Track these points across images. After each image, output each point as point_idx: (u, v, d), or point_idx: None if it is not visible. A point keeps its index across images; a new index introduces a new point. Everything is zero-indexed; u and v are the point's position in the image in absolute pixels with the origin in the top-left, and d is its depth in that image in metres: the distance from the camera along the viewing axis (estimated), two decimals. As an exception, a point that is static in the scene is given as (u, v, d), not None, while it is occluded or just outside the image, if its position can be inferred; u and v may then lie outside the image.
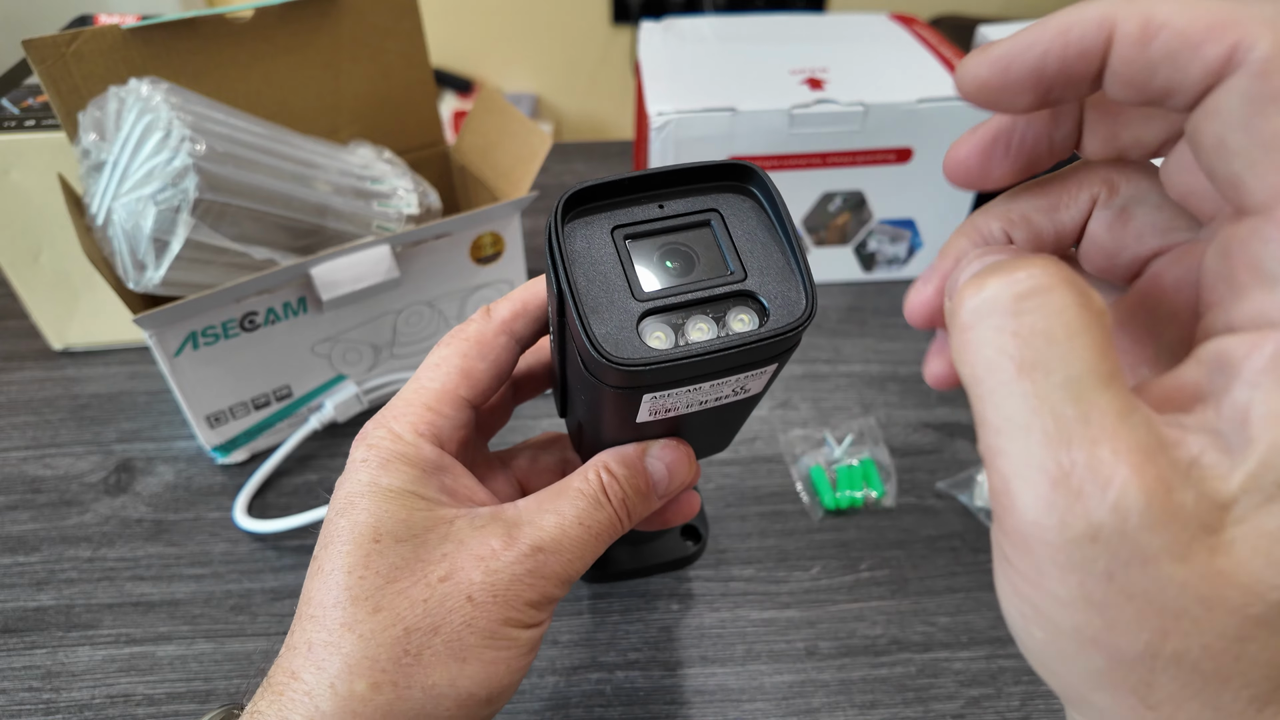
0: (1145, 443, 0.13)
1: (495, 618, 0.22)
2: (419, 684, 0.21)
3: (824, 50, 0.63)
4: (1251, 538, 0.13)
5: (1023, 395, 0.13)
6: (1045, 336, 0.13)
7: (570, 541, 0.23)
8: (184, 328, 0.43)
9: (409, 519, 0.23)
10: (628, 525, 0.25)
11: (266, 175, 0.44)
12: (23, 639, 0.40)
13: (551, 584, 0.23)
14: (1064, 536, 0.13)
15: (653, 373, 0.21)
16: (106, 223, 0.42)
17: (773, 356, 0.22)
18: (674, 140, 0.56)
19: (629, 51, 1.79)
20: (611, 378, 0.21)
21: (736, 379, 0.23)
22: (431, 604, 0.22)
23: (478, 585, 0.22)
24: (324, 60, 0.52)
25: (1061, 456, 0.13)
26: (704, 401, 0.23)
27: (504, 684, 0.23)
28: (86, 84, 0.44)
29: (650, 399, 0.22)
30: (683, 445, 0.25)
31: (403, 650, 0.21)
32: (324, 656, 0.21)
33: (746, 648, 0.40)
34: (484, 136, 0.57)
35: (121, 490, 0.48)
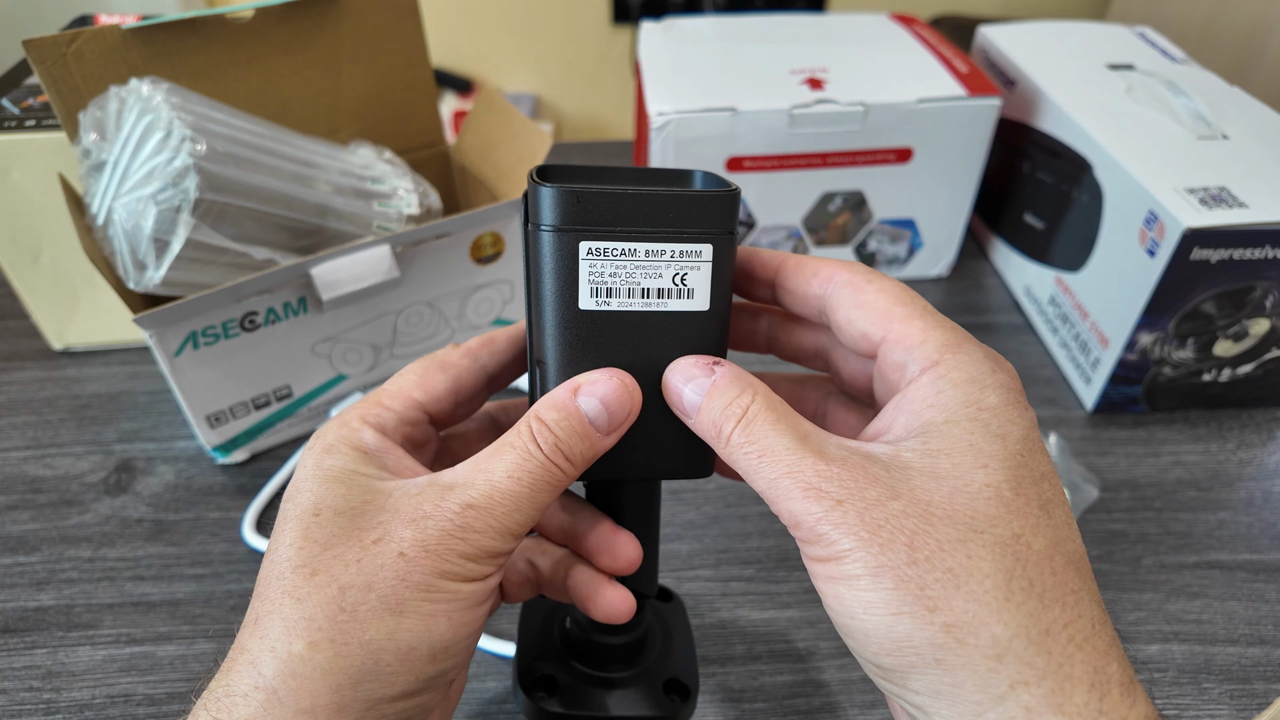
0: (837, 456, 0.22)
1: (428, 570, 0.22)
2: (356, 639, 0.21)
3: (824, 50, 0.63)
4: (925, 479, 0.21)
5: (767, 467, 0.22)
6: (763, 436, 0.22)
7: (501, 494, 0.23)
8: (184, 328, 0.43)
9: (348, 494, 0.23)
10: (570, 468, 0.24)
11: (267, 175, 0.44)
12: (23, 639, 0.40)
13: (485, 537, 0.23)
14: (825, 509, 0.21)
15: (589, 196, 0.24)
16: (107, 222, 0.42)
17: (705, 226, 0.24)
18: (674, 140, 0.56)
19: (629, 51, 1.79)
20: (549, 202, 0.24)
21: (673, 253, 0.24)
22: (365, 563, 0.22)
23: (408, 541, 0.22)
24: (324, 60, 0.52)
25: (800, 479, 0.21)
26: (645, 291, 0.24)
27: (446, 638, 0.22)
28: (87, 84, 0.44)
29: (588, 263, 0.24)
30: (618, 375, 0.25)
31: (338, 608, 0.21)
32: (266, 625, 0.22)
33: (747, 647, 0.40)
34: (484, 136, 0.57)
35: (122, 490, 0.48)
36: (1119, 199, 0.50)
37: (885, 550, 0.20)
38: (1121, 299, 0.49)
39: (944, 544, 0.20)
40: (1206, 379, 0.52)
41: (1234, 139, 0.52)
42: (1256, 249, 0.45)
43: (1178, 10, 1.26)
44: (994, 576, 0.20)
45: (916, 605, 0.20)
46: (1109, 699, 0.19)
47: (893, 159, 0.59)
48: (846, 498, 0.21)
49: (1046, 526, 0.21)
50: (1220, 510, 0.47)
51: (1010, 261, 0.64)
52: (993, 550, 0.20)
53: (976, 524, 0.20)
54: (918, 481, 0.21)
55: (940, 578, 0.20)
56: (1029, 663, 0.19)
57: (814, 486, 0.21)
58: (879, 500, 0.21)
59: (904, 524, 0.20)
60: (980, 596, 0.19)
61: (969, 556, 0.20)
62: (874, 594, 0.20)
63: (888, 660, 0.20)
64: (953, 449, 0.21)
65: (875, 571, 0.20)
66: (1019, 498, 0.21)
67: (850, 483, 0.21)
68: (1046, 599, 0.20)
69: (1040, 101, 0.59)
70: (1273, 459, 0.50)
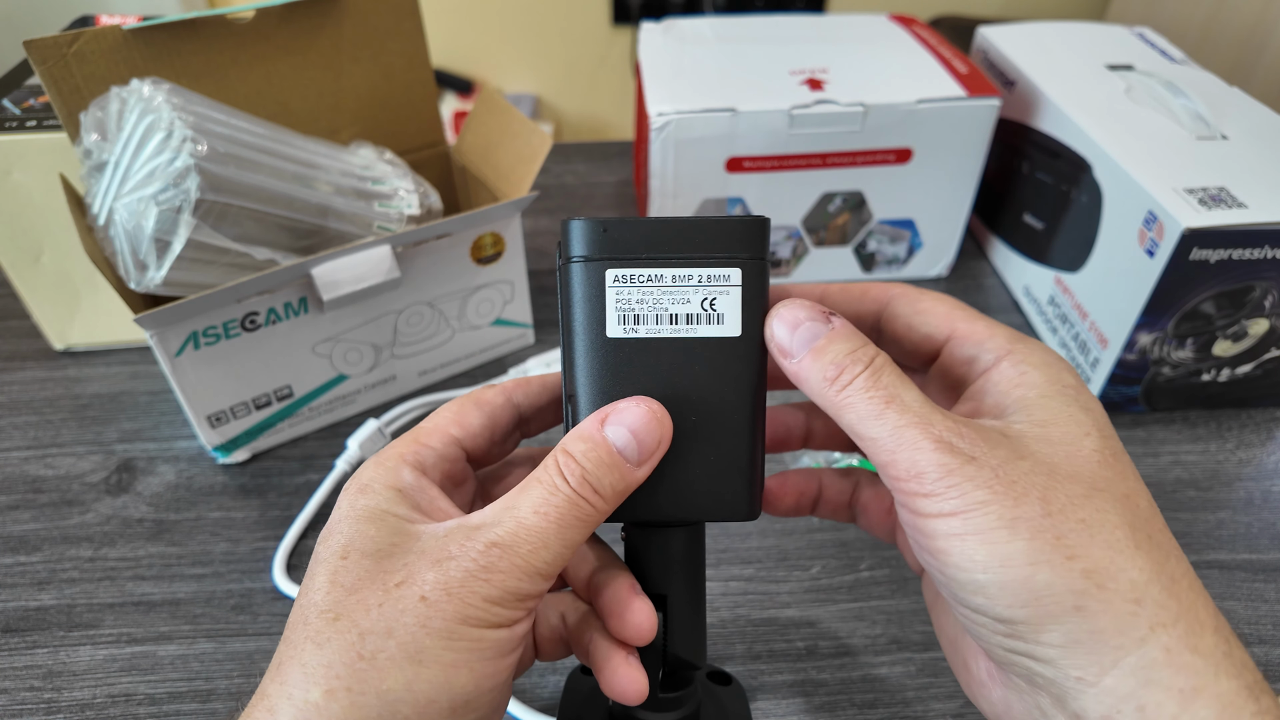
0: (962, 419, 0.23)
1: (451, 616, 0.21)
2: (373, 689, 0.20)
3: (824, 51, 0.63)
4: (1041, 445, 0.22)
5: (896, 414, 0.22)
6: (892, 385, 0.23)
7: (527, 532, 0.22)
8: (185, 328, 0.43)
9: (377, 535, 0.23)
10: (600, 502, 0.23)
11: (268, 176, 0.44)
12: (24, 639, 0.41)
13: (511, 577, 0.22)
14: (960, 463, 0.21)
15: (615, 224, 0.24)
16: (108, 223, 0.42)
17: (732, 251, 0.24)
18: (674, 141, 0.56)
19: (629, 52, 1.79)
20: (578, 234, 0.24)
21: (700, 278, 0.24)
22: (386, 607, 0.21)
23: (430, 584, 0.21)
24: (325, 61, 0.52)
25: (932, 431, 0.22)
26: (674, 317, 0.24)
27: (468, 690, 0.21)
28: (88, 84, 0.45)
29: (615, 290, 0.24)
30: (646, 402, 0.24)
31: (357, 655, 0.21)
32: (287, 671, 0.21)
33: (747, 647, 0.40)
34: (484, 137, 0.57)
35: (123, 490, 0.48)
36: (1118, 199, 0.51)
37: (1020, 503, 0.21)
38: (1121, 299, 0.50)
39: (1073, 498, 0.21)
40: (1205, 379, 0.52)
41: (1233, 139, 0.52)
42: (1255, 249, 0.45)
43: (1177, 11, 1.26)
44: (1123, 528, 0.21)
45: (1055, 554, 0.20)
46: (1230, 643, 0.20)
47: (892, 159, 0.59)
48: (980, 455, 0.21)
49: (1143, 491, 0.22)
50: (1219, 510, 0.47)
51: (1009, 262, 0.64)
52: (1115, 505, 0.21)
53: (1097, 483, 0.21)
54: (1035, 446, 0.22)
55: (1075, 527, 0.20)
56: (1165, 606, 0.20)
57: (946, 440, 0.22)
58: (1009, 459, 0.21)
59: (1035, 480, 0.21)
60: (1115, 544, 0.20)
61: (1097, 510, 0.21)
62: (1011, 545, 0.20)
63: (1022, 612, 0.20)
64: (1056, 419, 0.22)
65: (1010, 524, 0.20)
66: (1119, 462, 0.22)
67: (979, 443, 0.22)
68: (1166, 550, 0.21)
69: (1039, 102, 0.59)
70: (1272, 459, 0.50)
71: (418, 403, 0.52)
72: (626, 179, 0.77)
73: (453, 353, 0.55)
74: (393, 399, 0.54)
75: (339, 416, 0.52)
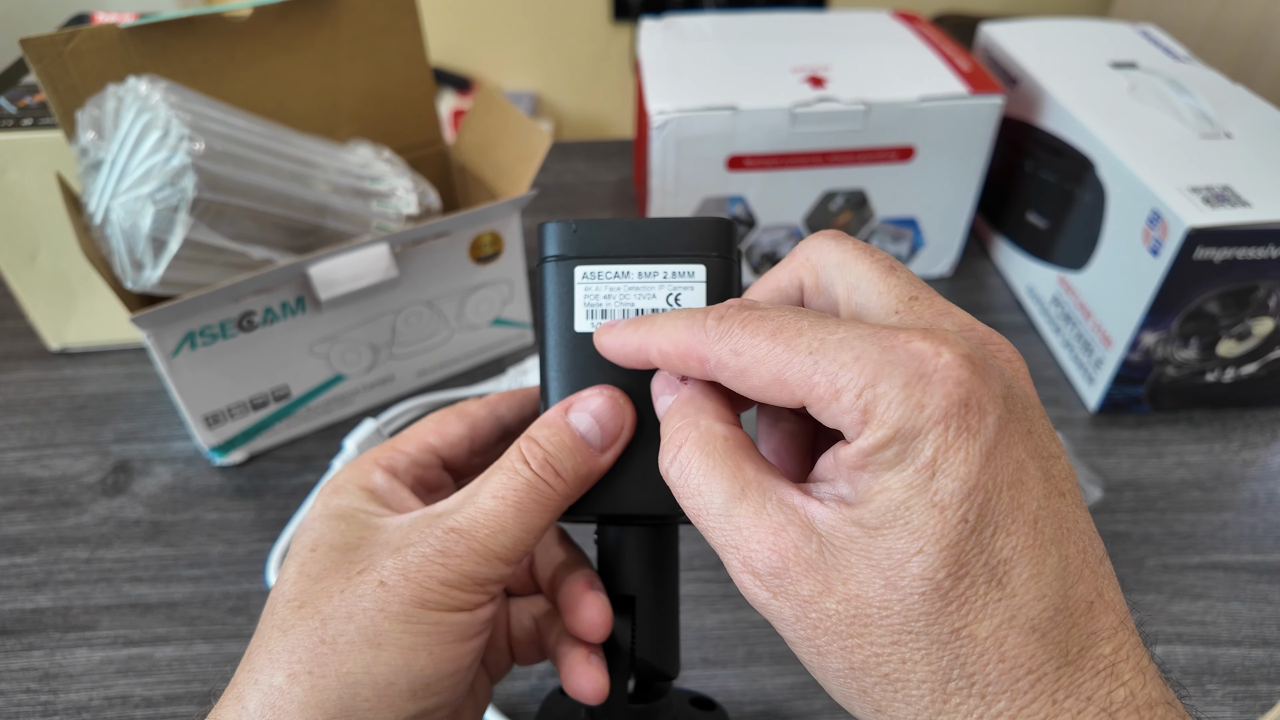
0: (776, 523, 0.19)
1: (408, 599, 0.22)
2: (333, 672, 0.21)
3: (825, 48, 0.62)
4: (862, 565, 0.18)
5: (702, 521, 0.20)
6: (698, 483, 0.20)
7: (485, 515, 0.22)
8: (181, 327, 0.43)
9: (347, 530, 0.24)
10: (561, 486, 0.23)
11: (265, 174, 0.44)
12: (20, 640, 0.40)
13: (468, 561, 0.22)
14: (763, 601, 0.19)
15: (584, 225, 0.25)
16: (104, 222, 0.42)
17: (696, 250, 0.25)
18: (674, 139, 0.56)
19: (629, 49, 1.79)
20: (550, 235, 0.25)
21: (665, 274, 0.25)
22: (347, 593, 0.22)
23: (389, 569, 0.22)
24: (322, 59, 0.52)
25: (737, 558, 0.20)
26: (639, 311, 0.25)
27: (427, 673, 0.22)
28: (84, 82, 0.44)
29: (584, 286, 0.25)
30: (608, 389, 0.24)
31: (319, 640, 0.21)
32: (254, 658, 0.22)
33: (748, 649, 0.40)
34: (483, 135, 0.56)
35: (119, 491, 0.48)
36: (1122, 198, 0.50)
37: (824, 656, 0.19)
38: (1125, 298, 0.49)
39: (879, 649, 0.18)
40: (1210, 379, 0.51)
41: (1237, 138, 0.52)
42: (1260, 248, 0.45)
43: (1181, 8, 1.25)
44: (929, 681, 0.18)
45: (865, 704, 0.19)
46: None
47: (894, 157, 0.58)
48: (779, 590, 0.19)
49: (996, 603, 0.18)
50: (1224, 511, 0.47)
51: (1013, 261, 0.64)
52: (927, 653, 0.18)
53: (911, 625, 0.18)
54: (854, 570, 0.18)
55: (878, 683, 0.18)
56: None
57: (749, 567, 0.19)
58: (813, 598, 0.19)
59: (838, 627, 0.19)
60: (917, 702, 0.18)
61: (902, 661, 0.18)
62: (825, 680, 0.19)
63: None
64: (889, 525, 0.18)
65: (817, 670, 0.19)
66: (960, 583, 0.18)
67: (784, 573, 0.19)
68: (989, 693, 0.18)
69: (1043, 100, 0.59)
70: (1276, 459, 0.50)
71: (416, 403, 0.52)
72: (627, 177, 0.77)
73: (451, 352, 0.54)
74: (391, 399, 0.54)
75: (336, 417, 0.52)
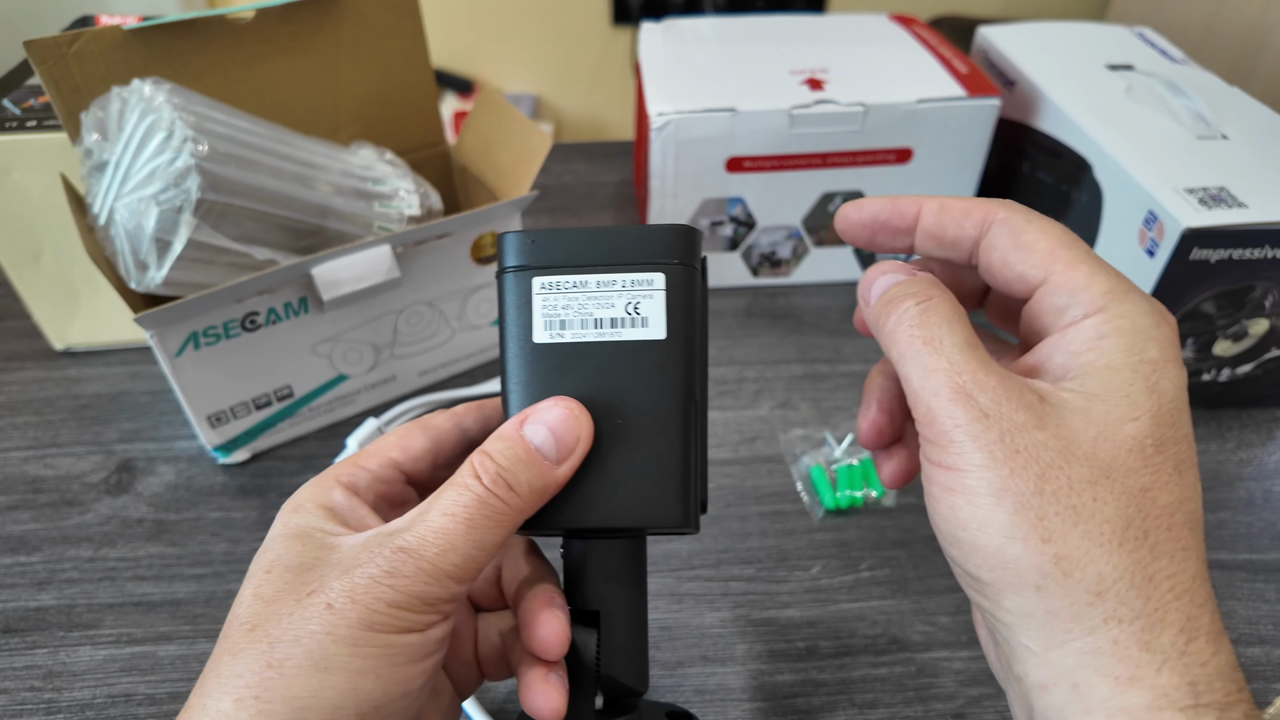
0: (998, 372, 0.22)
1: (355, 622, 0.21)
2: (280, 696, 0.21)
3: (824, 51, 0.63)
4: (1077, 419, 0.21)
5: (929, 354, 0.22)
6: (937, 326, 0.23)
7: (434, 534, 0.22)
8: (185, 327, 0.43)
9: (303, 549, 0.23)
10: (515, 501, 0.23)
11: (268, 176, 0.44)
12: (24, 639, 0.41)
13: (416, 581, 0.22)
14: (970, 419, 0.21)
15: (543, 235, 0.25)
16: (109, 223, 0.42)
17: (655, 258, 0.25)
18: (674, 141, 0.56)
19: (629, 52, 1.79)
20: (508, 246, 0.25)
21: (624, 283, 0.25)
22: (295, 616, 0.21)
23: (335, 591, 0.22)
24: (325, 61, 0.52)
25: (956, 380, 0.21)
26: (599, 321, 0.25)
27: (376, 696, 0.21)
28: (88, 84, 0.44)
29: (542, 298, 0.25)
30: (564, 400, 0.24)
31: (266, 663, 0.21)
32: (206, 682, 0.22)
33: (747, 647, 0.40)
34: (484, 137, 0.57)
35: (123, 490, 0.48)
36: (1118, 199, 0.51)
37: (1015, 475, 0.20)
38: (1121, 299, 0.49)
39: (1074, 482, 0.20)
40: (1206, 379, 0.52)
41: (1233, 139, 0.52)
42: (1256, 249, 0.45)
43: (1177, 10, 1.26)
44: (1114, 520, 0.20)
45: (1032, 533, 0.20)
46: (1195, 643, 0.20)
47: (892, 159, 0.59)
48: (994, 414, 0.21)
49: (1176, 485, 0.21)
50: (1220, 510, 0.47)
51: (1010, 262, 0.64)
52: (1120, 497, 0.20)
53: (1113, 471, 0.21)
54: (1068, 419, 0.21)
55: (1061, 512, 0.20)
56: (1127, 603, 0.20)
57: (965, 391, 0.21)
58: (1024, 426, 0.21)
59: (1041, 454, 0.21)
60: (1095, 536, 0.20)
61: (1095, 499, 0.20)
62: (992, 513, 0.20)
63: (988, 575, 0.21)
64: (1110, 395, 0.21)
65: (998, 493, 0.20)
66: (1159, 455, 0.21)
67: (1003, 401, 0.21)
68: (1158, 550, 0.20)
69: (1040, 102, 0.59)
70: (1272, 459, 0.50)
71: (417, 402, 0.52)
72: (627, 179, 0.77)
73: (453, 352, 0.55)
74: (393, 399, 0.54)
75: (339, 416, 0.52)
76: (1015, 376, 0.22)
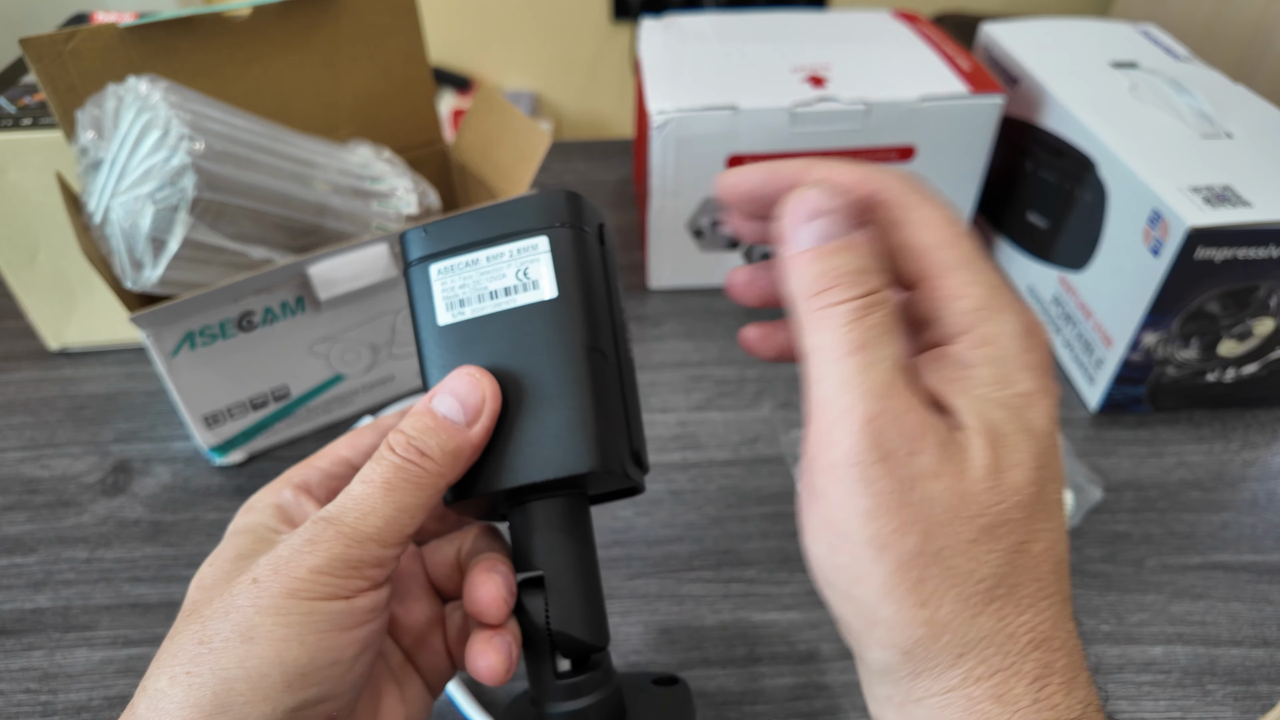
0: (914, 406, 0.20)
1: (278, 591, 0.22)
2: (209, 669, 0.22)
3: (826, 48, 0.62)
4: (979, 465, 0.20)
5: (854, 367, 0.20)
6: (873, 333, 0.20)
7: (353, 500, 0.23)
8: (181, 327, 0.43)
9: (243, 543, 0.25)
10: (431, 464, 0.24)
11: (265, 174, 0.44)
12: (20, 640, 0.40)
13: (337, 544, 0.22)
14: (872, 458, 0.20)
15: (435, 226, 0.26)
16: (104, 221, 0.42)
17: (538, 223, 0.26)
18: (674, 139, 0.56)
19: (629, 49, 1.79)
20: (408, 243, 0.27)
21: (510, 252, 0.26)
22: (226, 597, 0.23)
23: (261, 565, 0.23)
24: (322, 58, 0.51)
25: (872, 407, 0.20)
26: (493, 293, 0.26)
27: (300, 663, 0.22)
28: (83, 82, 0.44)
29: (441, 282, 0.26)
30: (463, 368, 0.25)
31: (198, 641, 0.22)
32: (149, 669, 0.23)
33: (748, 650, 0.40)
34: (483, 135, 0.56)
35: (119, 491, 0.48)
36: (1123, 198, 0.50)
37: (900, 531, 0.20)
38: (1125, 298, 0.49)
39: (958, 542, 0.20)
40: (1211, 379, 0.51)
41: (1238, 137, 0.52)
42: (1261, 248, 0.45)
43: (1181, 8, 1.25)
44: (987, 580, 0.20)
45: (909, 596, 0.20)
46: (1047, 689, 0.20)
47: (895, 157, 0.58)
48: (896, 455, 0.20)
49: (1047, 531, 0.21)
50: (1224, 511, 0.47)
51: (1013, 260, 0.64)
52: (998, 556, 0.20)
53: (997, 529, 0.20)
54: (963, 468, 0.20)
55: (940, 574, 0.20)
56: (986, 660, 0.20)
57: (877, 424, 0.20)
58: (922, 475, 0.20)
59: (930, 510, 0.20)
60: (967, 599, 0.20)
61: (973, 559, 0.20)
62: (871, 566, 0.20)
63: (858, 626, 0.21)
64: (993, 441, 0.20)
65: (880, 547, 0.20)
66: (1038, 501, 0.21)
67: (911, 442, 0.20)
68: (1022, 604, 0.20)
69: (1043, 99, 0.59)
70: (1277, 459, 0.50)
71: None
72: (627, 177, 0.77)
73: (452, 352, 0.54)
74: (390, 399, 0.54)
75: (336, 417, 0.52)
76: (929, 415, 0.21)
